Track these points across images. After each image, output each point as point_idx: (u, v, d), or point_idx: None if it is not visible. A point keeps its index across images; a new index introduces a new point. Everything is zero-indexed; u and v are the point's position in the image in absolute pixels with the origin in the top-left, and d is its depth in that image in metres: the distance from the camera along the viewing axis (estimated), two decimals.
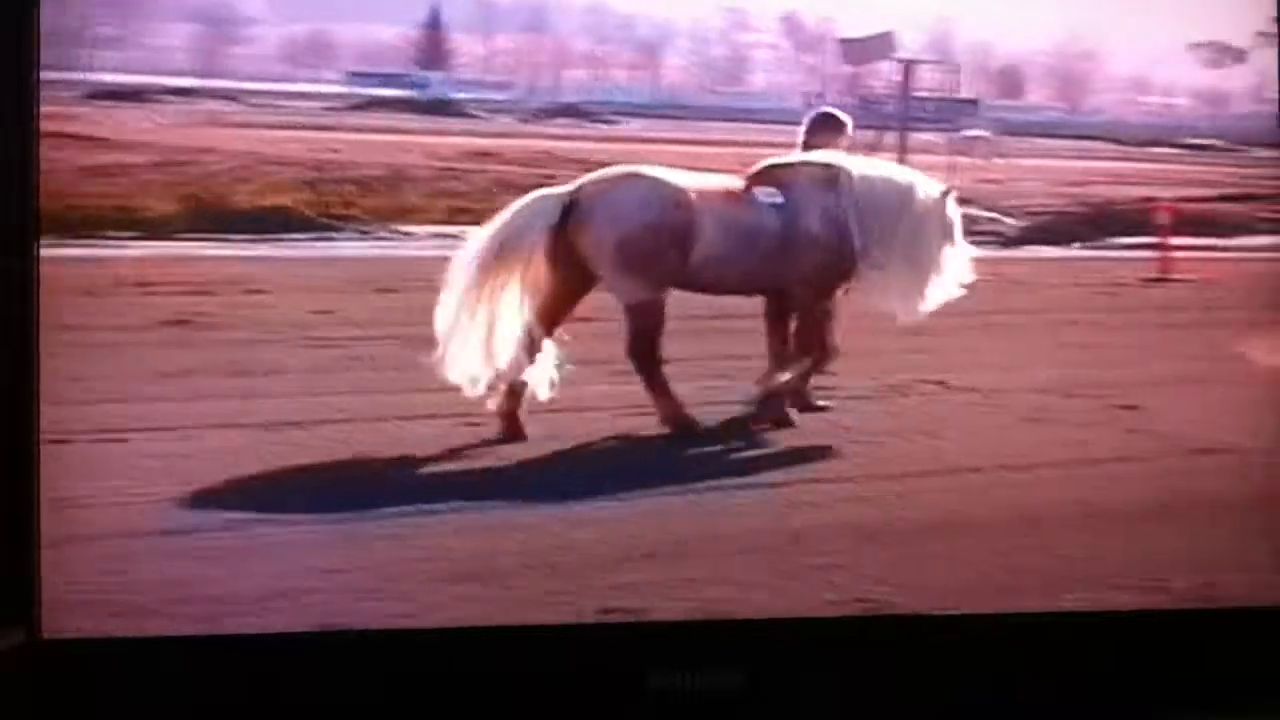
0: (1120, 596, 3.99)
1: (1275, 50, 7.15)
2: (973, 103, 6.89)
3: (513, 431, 4.47)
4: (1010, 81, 7.32)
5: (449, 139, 6.47)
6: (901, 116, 6.42)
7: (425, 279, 4.50)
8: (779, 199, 4.60)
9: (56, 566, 3.54)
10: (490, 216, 4.54)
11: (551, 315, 4.49)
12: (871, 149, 6.23)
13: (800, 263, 4.65)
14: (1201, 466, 4.75)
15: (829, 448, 4.75)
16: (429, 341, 4.42)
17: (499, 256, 4.32)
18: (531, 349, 4.40)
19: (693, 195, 4.50)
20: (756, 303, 4.87)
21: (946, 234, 4.84)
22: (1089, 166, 7.12)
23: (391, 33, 6.19)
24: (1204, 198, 6.99)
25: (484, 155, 6.40)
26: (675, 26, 6.71)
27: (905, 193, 4.76)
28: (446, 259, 4.48)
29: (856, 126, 5.75)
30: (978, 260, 5.34)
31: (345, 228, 5.53)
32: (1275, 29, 7.16)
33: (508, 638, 3.63)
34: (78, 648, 3.48)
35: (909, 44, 6.48)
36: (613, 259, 4.40)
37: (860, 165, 4.78)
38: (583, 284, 4.50)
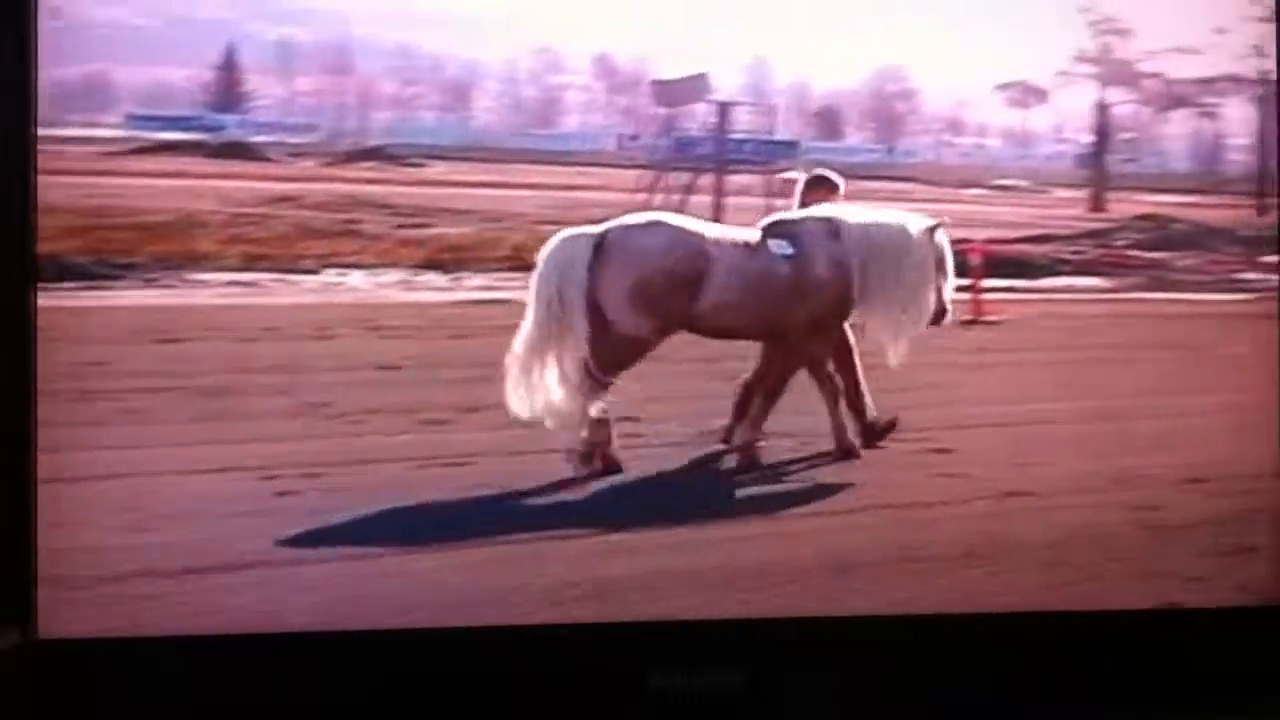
0: None
1: (1073, 90, 7.51)
2: (792, 144, 7.00)
3: (609, 464, 4.85)
4: (828, 123, 7.47)
5: (245, 183, 6.30)
6: (718, 158, 6.46)
7: (217, 328, 4.39)
8: (790, 250, 5.00)
9: (54, 567, 3.64)
10: (291, 262, 4.44)
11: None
12: (687, 190, 6.27)
13: (805, 307, 5.03)
14: (1010, 508, 4.83)
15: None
16: (215, 391, 4.31)
17: (558, 299, 4.69)
18: (596, 384, 4.76)
19: (710, 245, 4.88)
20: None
21: (939, 267, 5.27)
22: (906, 209, 7.27)
23: (182, 75, 6.00)
24: (1011, 239, 7.21)
25: (284, 200, 6.25)
26: (485, 68, 6.66)
27: (899, 235, 5.19)
28: (239, 306, 4.38)
29: (671, 168, 5.84)
30: None
31: (127, 275, 5.31)
32: (1077, 69, 7.52)
33: (508, 638, 3.73)
34: (74, 648, 3.57)
35: (726, 85, 6.53)
36: (624, 295, 4.73)
37: (855, 215, 5.21)
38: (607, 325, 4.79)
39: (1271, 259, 7.95)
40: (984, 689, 3.79)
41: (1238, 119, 7.83)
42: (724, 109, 6.48)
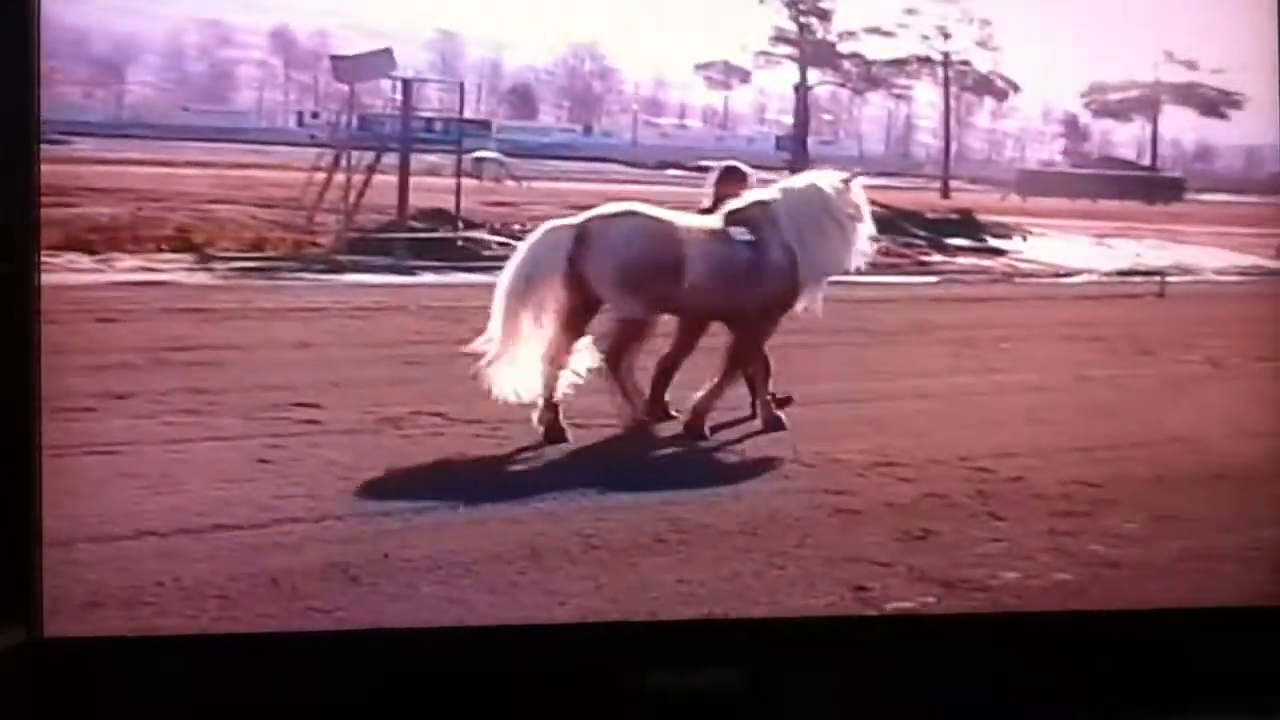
0: None
1: (774, 71, 7.73)
2: (485, 124, 6.91)
3: (555, 436, 5.10)
4: (522, 101, 7.41)
5: None
6: (403, 137, 6.31)
7: None
8: (749, 236, 5.31)
9: (57, 566, 3.69)
10: None
11: (572, 332, 5.13)
12: (371, 170, 6.11)
13: (762, 290, 5.32)
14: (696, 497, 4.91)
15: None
16: None
17: (529, 285, 5.00)
18: (557, 363, 5.08)
19: (681, 232, 5.22)
20: None
21: (856, 216, 5.50)
22: (602, 189, 7.30)
23: None
24: None
25: None
26: (144, 42, 6.29)
27: (816, 196, 5.46)
28: None
29: (354, 146, 5.67)
30: (488, 287, 5.35)
31: None
32: (778, 49, 7.74)
33: (508, 637, 3.76)
34: (78, 646, 3.60)
35: (412, 62, 6.38)
36: (612, 280, 5.06)
37: (778, 193, 5.49)
38: (589, 305, 5.13)
39: (962, 241, 8.50)
40: (984, 689, 3.79)
41: (925, 102, 8.27)
42: (408, 86, 6.33)
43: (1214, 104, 8.05)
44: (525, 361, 5.07)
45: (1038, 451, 5.37)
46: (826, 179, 5.55)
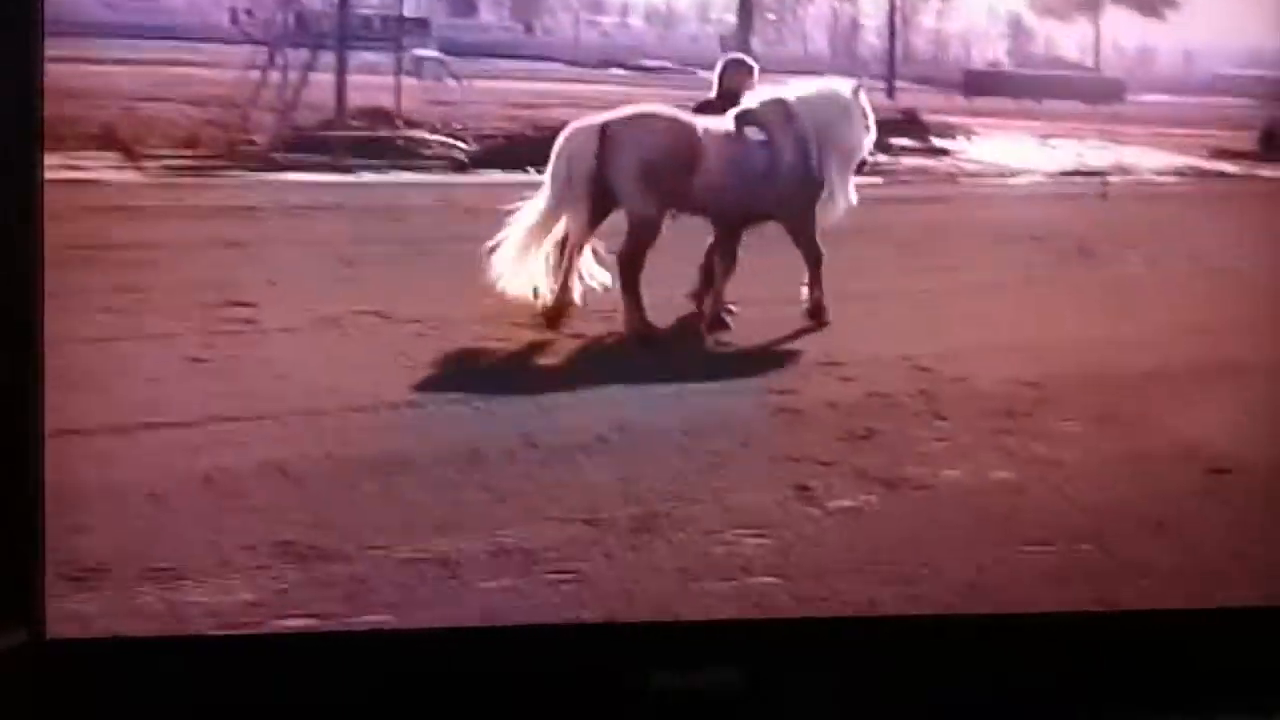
0: (555, 530, 4.16)
1: None
2: (423, 22, 6.79)
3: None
4: (463, 0, 7.27)
5: None
6: (340, 35, 6.19)
7: None
8: (763, 136, 5.58)
9: (59, 566, 3.70)
10: None
11: (589, 231, 5.45)
12: (307, 68, 6.01)
13: (781, 191, 5.58)
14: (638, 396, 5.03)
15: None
16: None
17: (571, 186, 5.32)
18: (573, 253, 5.38)
19: (700, 132, 5.50)
20: None
21: (866, 126, 5.80)
22: (543, 89, 7.20)
23: None
24: None
25: None
26: None
27: (835, 101, 5.72)
28: None
29: (290, 44, 5.60)
30: (429, 186, 5.39)
31: None
32: None
33: (509, 637, 3.83)
34: (80, 648, 3.62)
35: None
36: (634, 178, 5.32)
37: (796, 91, 5.72)
38: (606, 205, 5.41)
39: (907, 142, 8.50)
40: (984, 689, 3.86)
41: (870, 1, 8.19)
42: None
43: (1152, 4, 8.05)
44: (539, 258, 5.34)
45: (980, 352, 5.48)
46: (840, 84, 5.85)
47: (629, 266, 5.41)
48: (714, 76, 5.91)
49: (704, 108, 5.77)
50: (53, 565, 3.72)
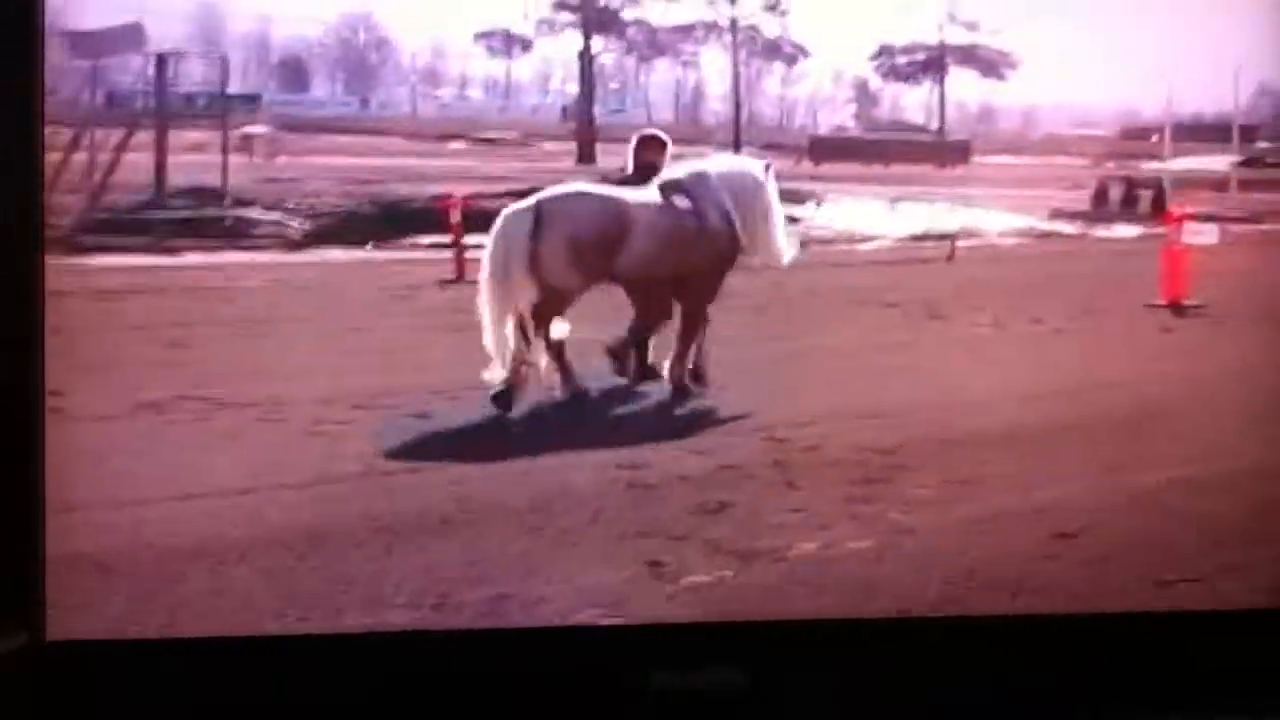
0: (400, 615, 4.03)
1: (557, 39, 7.74)
2: (252, 97, 6.77)
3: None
4: (293, 74, 7.28)
5: None
6: (159, 113, 6.15)
7: None
8: (688, 204, 5.98)
9: (60, 569, 3.86)
10: None
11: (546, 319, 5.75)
12: (120, 149, 5.94)
13: (706, 253, 5.98)
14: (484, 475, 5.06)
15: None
16: None
17: (507, 273, 5.64)
18: (527, 337, 5.67)
19: (630, 207, 5.88)
20: None
21: (768, 197, 6.16)
22: (382, 164, 7.23)
23: None
24: (497, 193, 7.28)
25: None
26: None
27: (747, 173, 6.18)
28: None
29: (102, 124, 5.54)
30: (257, 266, 5.35)
31: None
32: (559, 16, 7.75)
33: (510, 638, 4.00)
34: (81, 650, 3.77)
35: (168, 35, 6.19)
36: (562, 257, 5.67)
37: (712, 166, 6.20)
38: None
39: None
40: (984, 690, 3.95)
41: (714, 68, 8.38)
42: (162, 60, 6.17)
43: (994, 65, 8.37)
44: (503, 339, 5.60)
45: (833, 418, 5.57)
46: (752, 163, 6.35)
47: (540, 330, 5.73)
48: (629, 152, 6.27)
49: (624, 183, 6.11)
50: None
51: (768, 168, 6.28)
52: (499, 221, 5.79)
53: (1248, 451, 5.00)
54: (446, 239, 6.69)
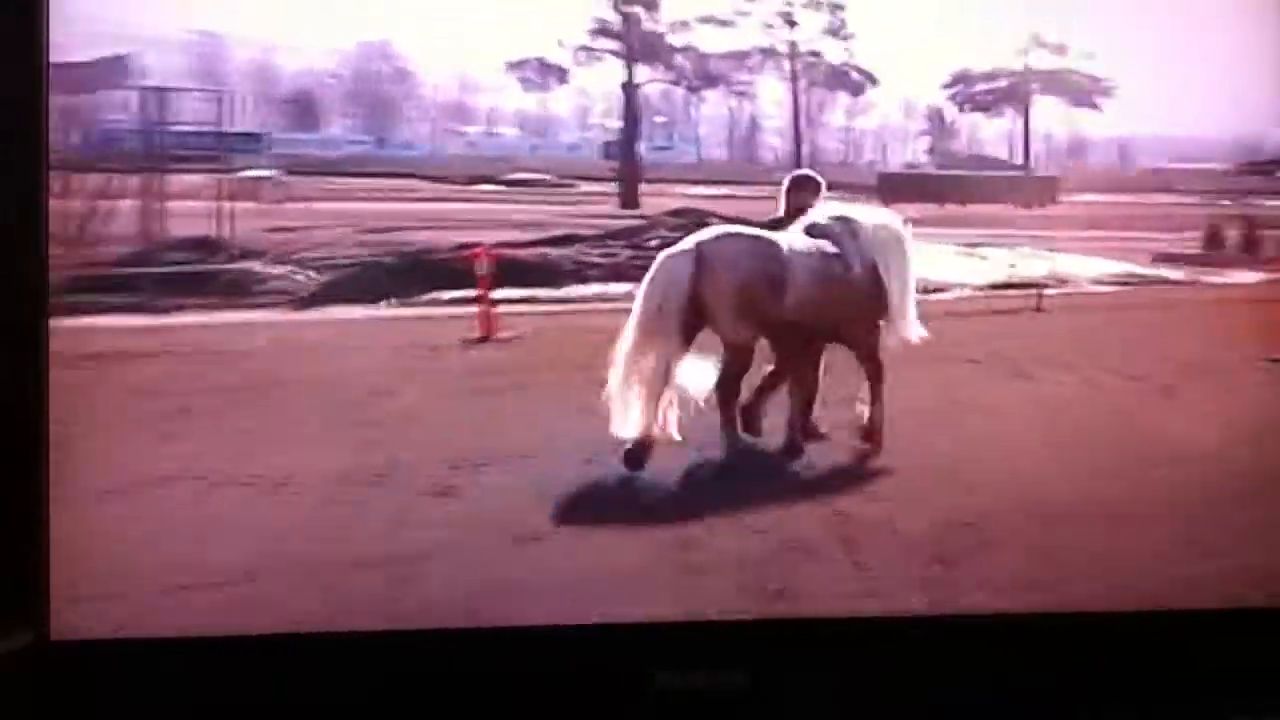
0: None
1: (596, 69, 7.61)
2: (255, 136, 6.65)
3: (639, 458, 5.59)
4: (302, 111, 7.15)
5: None
6: (152, 154, 6.02)
7: None
8: (834, 250, 5.92)
9: (65, 568, 4.05)
10: None
11: (679, 359, 5.73)
12: (103, 195, 5.82)
13: (855, 301, 5.93)
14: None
15: None
16: None
17: (661, 315, 5.60)
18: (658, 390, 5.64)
19: (783, 249, 5.82)
20: None
21: (907, 255, 6.13)
22: (400, 209, 7.11)
23: None
24: (528, 242, 7.20)
25: None
26: None
27: (895, 230, 6.11)
28: None
29: (90, 167, 5.44)
30: (265, 325, 5.26)
31: None
32: (599, 44, 7.63)
33: (513, 638, 4.17)
34: (86, 649, 3.98)
35: (162, 67, 6.07)
36: (730, 304, 5.67)
37: (861, 215, 6.13)
38: (696, 329, 5.71)
39: None
40: (985, 689, 4.12)
41: (771, 99, 8.24)
42: (146, 96, 6.05)
43: (1085, 92, 8.19)
44: (649, 396, 5.60)
45: (905, 489, 5.51)
46: (892, 217, 6.26)
47: (725, 392, 5.79)
48: (781, 194, 6.28)
49: (773, 225, 6.09)
50: None
51: (906, 223, 6.26)
52: (656, 264, 5.76)
53: None
54: (472, 293, 6.57)
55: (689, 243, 5.79)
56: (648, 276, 5.71)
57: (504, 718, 4.03)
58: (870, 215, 6.23)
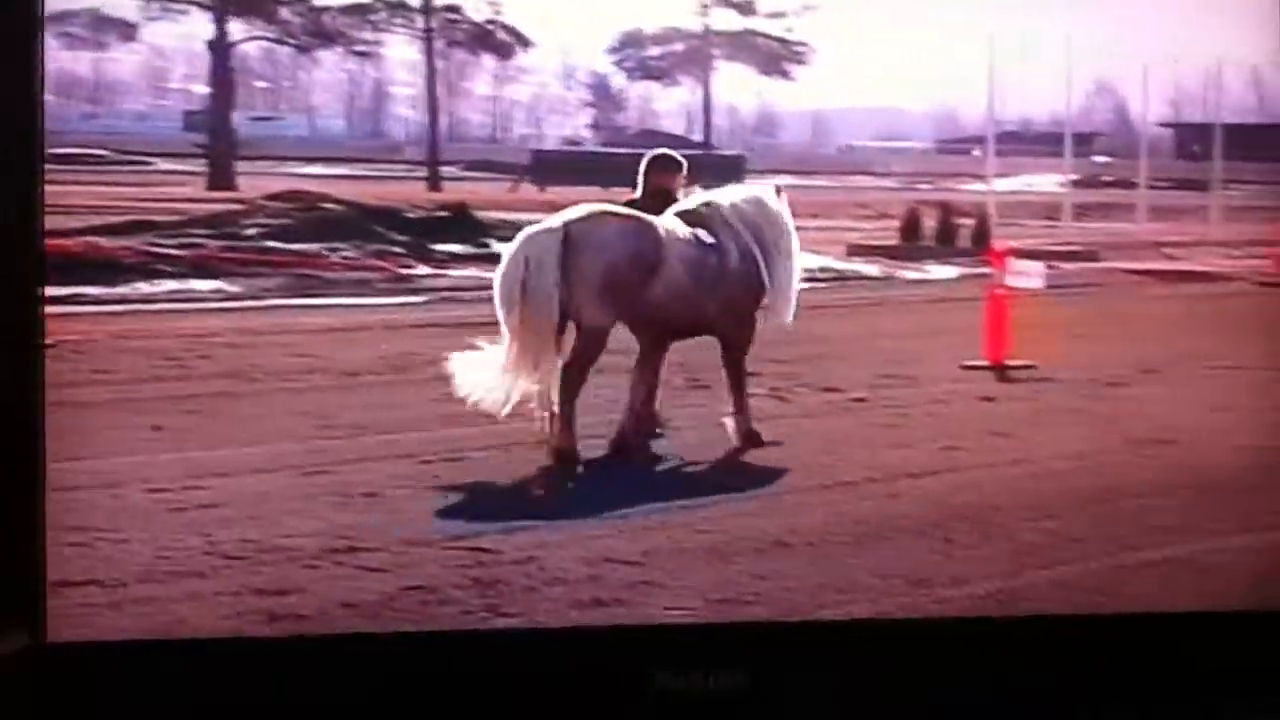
0: None
1: (173, 23, 7.30)
2: None
3: (571, 459, 5.90)
4: None
5: None
6: None
7: None
8: (711, 240, 6.14)
9: (62, 570, 4.46)
10: None
11: (556, 342, 5.94)
12: None
13: (729, 297, 6.17)
14: None
15: None
16: None
17: (525, 294, 5.76)
18: (541, 374, 5.85)
19: (661, 233, 6.00)
20: None
21: (788, 229, 6.37)
22: None
23: None
24: (77, 229, 6.97)
25: None
26: None
27: (761, 206, 6.35)
28: None
29: None
30: None
31: None
32: None
33: (515, 639, 4.54)
34: (82, 651, 4.29)
35: None
36: (597, 287, 5.85)
37: (723, 197, 6.34)
38: (565, 314, 5.87)
39: (456, 248, 8.37)
40: (984, 691, 4.41)
41: (402, 62, 8.11)
42: None
43: (776, 59, 8.33)
44: (513, 369, 5.76)
45: (556, 524, 5.40)
46: (762, 190, 6.50)
47: (570, 380, 5.92)
48: (640, 175, 6.44)
49: (630, 208, 6.22)
50: None
51: (779, 191, 6.49)
52: (515, 246, 5.90)
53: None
54: None
55: (555, 221, 5.95)
56: (509, 252, 5.88)
57: (503, 718, 4.31)
58: (744, 194, 6.45)
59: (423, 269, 7.91)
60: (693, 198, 6.39)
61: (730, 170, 8.47)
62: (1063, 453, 6.05)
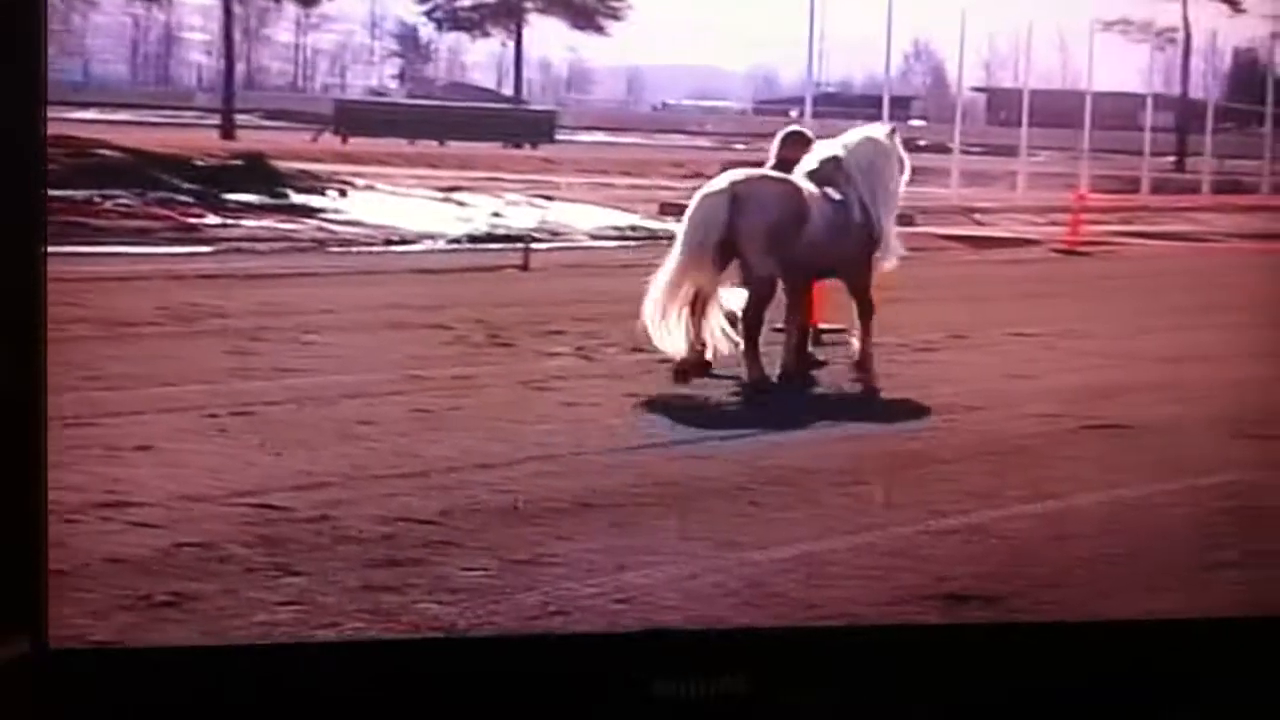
0: None
1: None
2: None
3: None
4: None
5: None
6: None
7: None
8: (839, 196, 7.57)
9: (64, 574, 4.65)
10: None
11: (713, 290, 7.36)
12: None
13: (854, 247, 7.64)
14: None
15: None
16: None
17: (702, 250, 7.19)
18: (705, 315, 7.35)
19: (805, 193, 7.45)
20: None
21: (902, 168, 7.84)
22: None
23: None
24: None
25: None
26: None
27: (876, 146, 7.78)
28: None
29: None
30: None
31: None
32: None
33: (515, 644, 4.81)
34: (84, 657, 4.50)
35: None
36: (761, 241, 7.28)
37: (842, 150, 7.66)
38: (725, 264, 7.31)
39: (252, 198, 8.57)
40: (989, 697, 4.73)
41: (195, 6, 8.35)
42: None
43: (590, 13, 8.70)
44: (688, 319, 7.21)
45: (352, 481, 5.68)
46: (876, 131, 7.87)
47: (750, 324, 7.34)
48: (773, 148, 7.74)
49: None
50: None
51: (893, 132, 7.88)
52: (694, 202, 7.25)
53: None
54: None
55: (722, 182, 7.29)
56: (687, 213, 7.30)
57: None
58: (849, 138, 7.71)
59: (213, 219, 8.08)
60: (815, 153, 7.62)
61: (541, 128, 8.81)
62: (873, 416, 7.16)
